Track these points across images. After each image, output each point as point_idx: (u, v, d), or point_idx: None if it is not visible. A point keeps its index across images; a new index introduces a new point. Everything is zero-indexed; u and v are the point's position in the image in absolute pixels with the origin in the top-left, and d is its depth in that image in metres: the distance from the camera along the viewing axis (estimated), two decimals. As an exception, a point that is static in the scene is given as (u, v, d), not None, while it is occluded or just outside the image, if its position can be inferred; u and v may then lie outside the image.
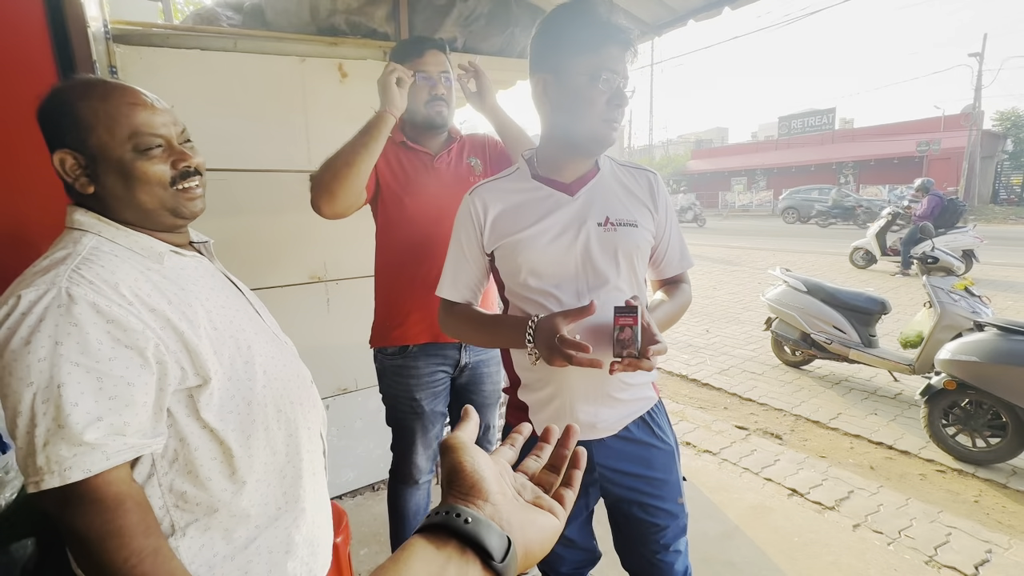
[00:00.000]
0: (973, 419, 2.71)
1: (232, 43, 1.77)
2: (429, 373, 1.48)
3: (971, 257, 7.30)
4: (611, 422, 1.04)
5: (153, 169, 0.73)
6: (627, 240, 1.00)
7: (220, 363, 0.73)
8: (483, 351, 1.55)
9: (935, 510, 2.29)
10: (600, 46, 0.94)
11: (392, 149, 1.42)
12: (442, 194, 1.42)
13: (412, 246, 1.41)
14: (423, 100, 1.39)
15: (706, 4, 2.22)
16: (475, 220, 1.05)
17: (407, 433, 1.52)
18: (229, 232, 1.83)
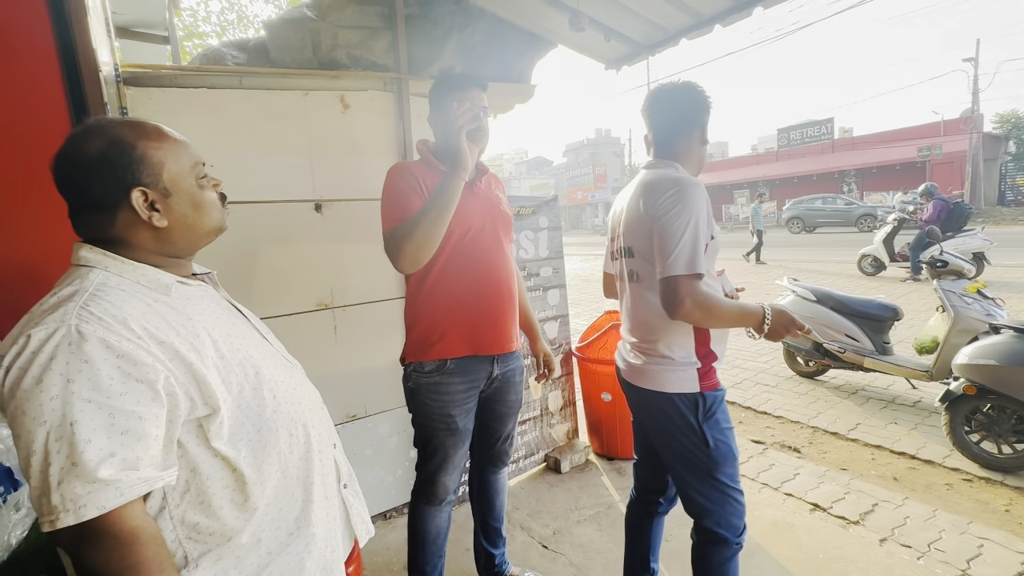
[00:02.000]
0: (997, 424, 2.63)
1: (238, 80, 1.83)
2: (464, 390, 1.50)
3: (982, 260, 7.22)
4: None
5: (212, 195, 0.83)
6: None
7: (229, 391, 0.73)
8: (514, 360, 1.61)
9: (964, 521, 2.21)
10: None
11: (432, 173, 1.47)
12: (481, 217, 1.49)
13: (456, 265, 1.45)
14: (467, 128, 1.41)
15: (696, 23, 2.28)
16: (708, 207, 1.28)
17: (439, 451, 1.52)
18: (237, 263, 1.86)
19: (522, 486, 2.55)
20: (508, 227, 1.59)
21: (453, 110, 1.42)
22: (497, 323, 1.51)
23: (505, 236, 1.57)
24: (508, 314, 1.54)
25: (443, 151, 1.49)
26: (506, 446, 1.72)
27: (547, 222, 2.67)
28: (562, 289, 2.74)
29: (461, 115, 1.37)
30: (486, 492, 1.77)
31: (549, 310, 2.69)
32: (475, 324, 1.47)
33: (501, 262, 1.52)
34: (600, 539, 2.13)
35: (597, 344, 2.71)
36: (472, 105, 1.43)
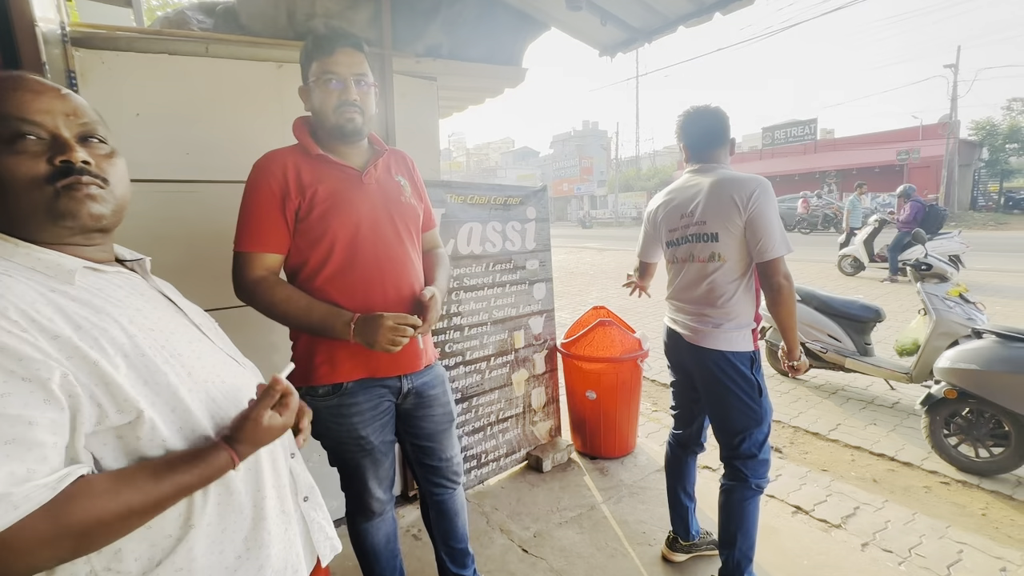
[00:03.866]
0: (975, 429, 2.65)
1: (204, 48, 1.68)
2: (373, 406, 1.31)
3: (957, 263, 7.36)
4: None
5: (19, 164, 0.61)
6: None
7: (155, 392, 0.62)
8: (427, 375, 1.41)
9: (943, 525, 2.21)
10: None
11: (309, 164, 1.24)
12: (373, 214, 1.27)
13: (341, 274, 1.24)
14: (332, 105, 1.22)
15: (696, 9, 2.18)
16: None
17: (360, 471, 1.36)
18: (199, 246, 1.72)
19: (502, 485, 2.47)
20: (413, 222, 1.36)
21: (318, 82, 1.20)
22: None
23: (409, 233, 1.34)
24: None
25: (319, 130, 1.28)
26: (453, 464, 1.52)
27: (535, 213, 2.57)
28: (548, 283, 2.65)
29: (327, 92, 1.18)
30: (444, 517, 1.55)
31: (535, 304, 2.60)
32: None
33: (402, 267, 1.30)
34: (582, 543, 2.06)
35: (584, 341, 2.63)
36: (338, 74, 1.20)
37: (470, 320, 2.33)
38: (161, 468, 0.61)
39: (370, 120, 1.30)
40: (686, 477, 1.98)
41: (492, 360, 2.43)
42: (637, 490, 2.41)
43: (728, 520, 1.70)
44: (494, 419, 2.47)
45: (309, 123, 1.31)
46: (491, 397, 2.45)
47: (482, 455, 2.43)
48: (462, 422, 2.34)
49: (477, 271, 2.34)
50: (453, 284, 2.26)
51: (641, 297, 2.26)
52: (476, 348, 2.37)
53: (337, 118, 1.24)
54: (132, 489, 0.58)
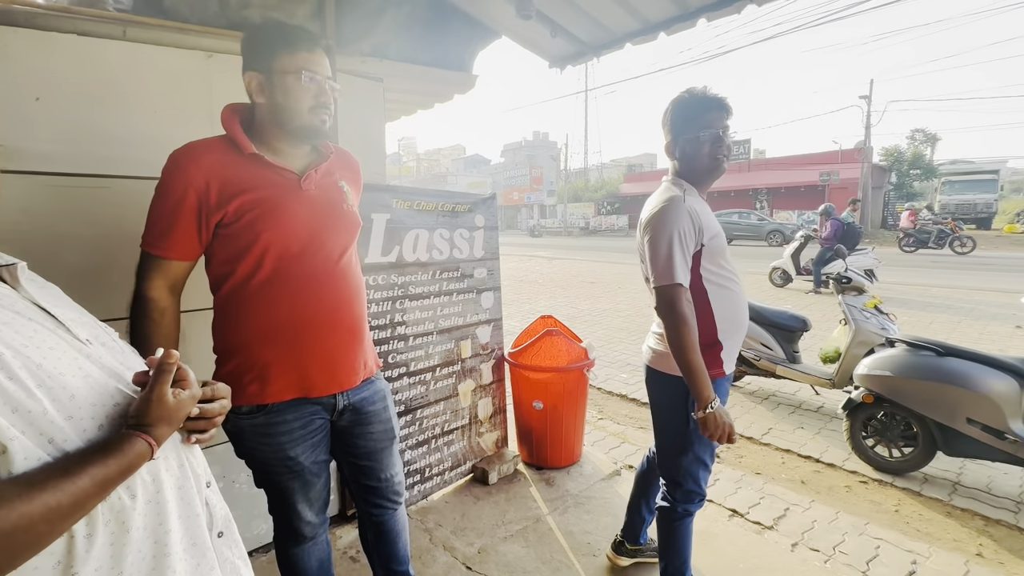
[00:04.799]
0: (889, 430, 2.86)
1: (120, 30, 1.53)
2: (303, 424, 1.22)
3: (871, 276, 8.04)
4: None
5: None
6: None
7: (26, 420, 0.54)
8: (366, 389, 1.32)
9: (862, 522, 2.36)
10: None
11: (238, 164, 1.12)
12: (313, 225, 1.17)
13: (276, 289, 1.14)
14: (307, 104, 1.13)
15: (642, 28, 2.25)
16: (694, 220, 1.44)
17: (287, 494, 1.27)
18: (110, 248, 1.55)
19: (447, 500, 2.40)
20: (353, 233, 1.28)
21: (292, 76, 1.11)
22: (334, 359, 1.22)
23: (349, 245, 1.27)
24: (351, 345, 1.25)
25: (269, 126, 1.16)
26: (394, 483, 1.43)
27: (484, 221, 2.54)
28: (496, 292, 2.62)
29: (302, 90, 1.10)
30: (384, 539, 1.46)
31: (482, 313, 2.56)
32: (304, 362, 1.18)
33: (341, 281, 1.22)
34: (527, 557, 2.03)
35: (531, 350, 2.62)
36: (318, 73, 1.13)
37: (415, 330, 2.26)
38: (72, 463, 0.55)
39: (333, 124, 1.24)
40: (652, 492, 1.92)
41: (438, 371, 2.37)
42: (583, 500, 2.41)
43: (660, 537, 1.70)
44: (439, 431, 2.40)
45: (242, 114, 1.18)
46: (436, 409, 2.37)
47: (426, 469, 2.35)
48: (405, 435, 2.25)
49: (423, 279, 2.28)
50: (397, 292, 2.18)
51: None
52: (421, 358, 2.29)
53: (312, 119, 1.16)
54: (44, 489, 0.52)
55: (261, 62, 1.14)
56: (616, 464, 2.79)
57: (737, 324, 1.54)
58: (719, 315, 1.50)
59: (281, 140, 1.18)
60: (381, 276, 2.12)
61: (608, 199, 35.50)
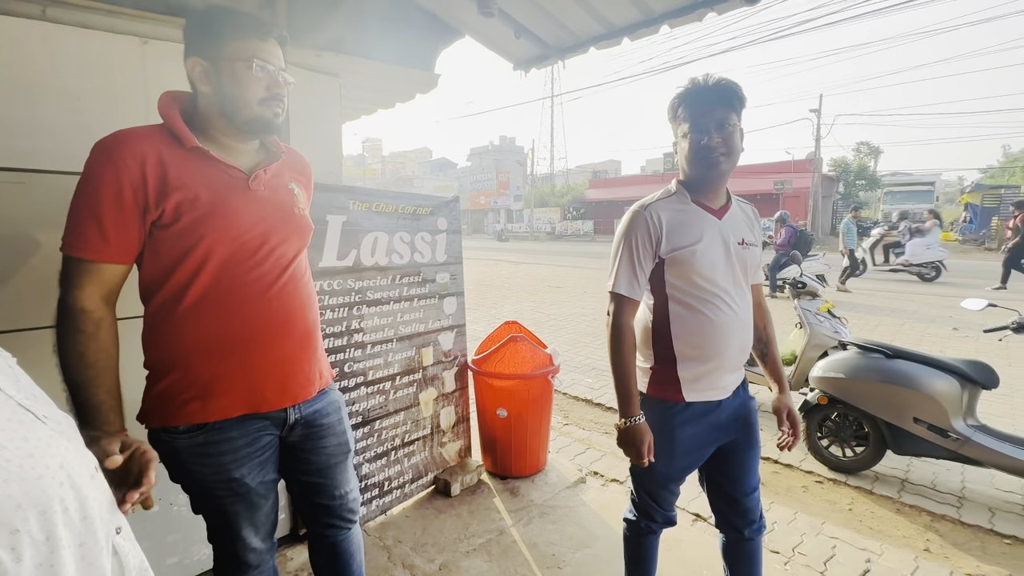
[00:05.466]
0: (842, 431, 2.96)
1: (39, 9, 1.38)
2: (250, 442, 1.11)
3: (822, 281, 8.40)
4: (733, 384, 1.42)
5: None
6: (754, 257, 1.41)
7: None
8: (319, 401, 1.23)
9: (819, 522, 2.41)
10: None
11: (179, 159, 1.01)
12: (261, 228, 1.08)
13: (220, 297, 1.05)
14: (257, 95, 1.05)
15: (607, 32, 2.24)
16: (652, 231, 1.32)
17: (230, 520, 1.15)
18: (26, 250, 1.40)
19: (407, 514, 2.30)
20: (304, 238, 1.20)
21: (242, 64, 1.02)
22: (287, 370, 1.13)
23: (301, 250, 1.19)
24: (305, 355, 1.17)
25: (214, 117, 1.07)
26: (348, 501, 1.34)
27: (446, 224, 2.47)
28: (460, 297, 2.55)
29: (253, 79, 1.01)
30: (337, 561, 1.36)
31: (445, 319, 2.48)
32: (254, 375, 1.08)
33: (292, 288, 1.14)
34: (490, 572, 1.96)
35: (495, 357, 2.56)
36: (271, 63, 1.05)
37: (373, 337, 2.16)
38: None
39: (283, 120, 1.14)
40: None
41: (398, 379, 2.27)
42: (548, 509, 2.36)
43: (625, 551, 1.66)
44: (399, 443, 2.30)
45: (183, 104, 1.07)
46: (396, 419, 2.28)
47: (385, 483, 2.25)
48: (363, 448, 2.15)
49: (382, 284, 2.19)
50: (355, 298, 2.08)
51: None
52: (380, 367, 2.20)
53: (263, 111, 1.07)
54: None
55: (208, 48, 1.04)
56: (581, 471, 2.76)
57: (706, 351, 1.33)
58: (679, 336, 1.35)
59: (228, 134, 1.08)
60: (337, 281, 2.01)
61: (574, 204, 35.95)
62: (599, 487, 2.61)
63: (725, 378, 1.37)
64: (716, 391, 1.38)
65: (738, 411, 1.43)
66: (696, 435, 1.39)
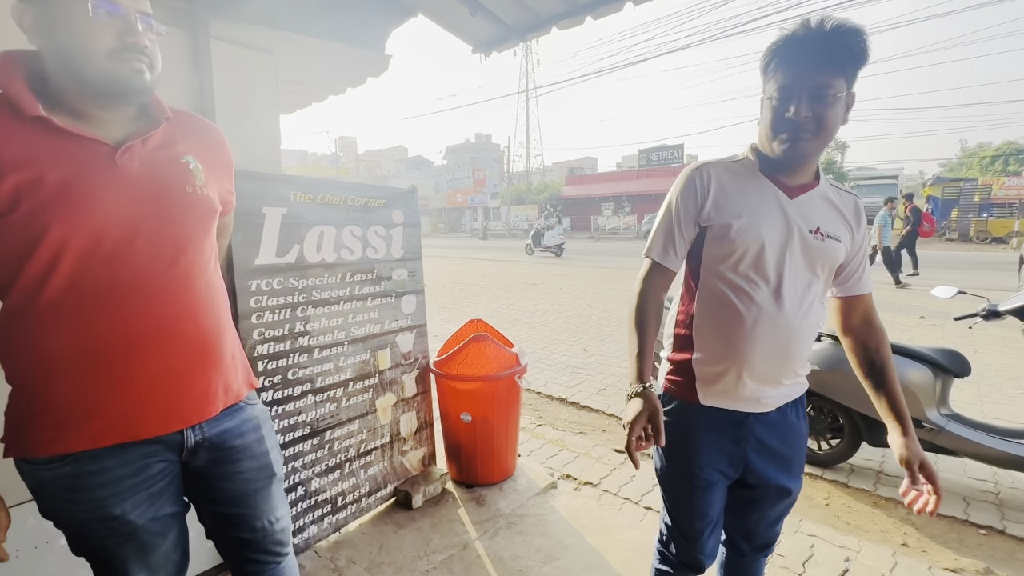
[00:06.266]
0: (817, 423, 2.90)
1: None
2: (133, 472, 0.93)
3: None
4: (773, 400, 1.16)
5: None
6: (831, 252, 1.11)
7: None
8: (229, 419, 1.05)
9: (796, 519, 2.33)
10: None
11: (18, 132, 0.82)
12: (133, 212, 0.89)
13: (74, 295, 0.86)
14: (105, 44, 0.84)
15: (568, 10, 2.11)
16: (700, 192, 1.12)
17: (116, 564, 0.97)
18: None
19: (363, 531, 2.13)
20: (204, 220, 1.00)
21: (77, 6, 0.82)
22: (174, 387, 0.94)
23: (196, 238, 0.98)
24: (201, 367, 0.98)
25: (62, 79, 0.87)
26: (276, 531, 1.16)
27: (403, 217, 2.30)
28: (419, 295, 2.39)
29: (94, 25, 0.82)
30: None
31: (403, 319, 2.32)
32: (126, 396, 0.90)
33: (182, 285, 0.95)
34: (451, 591, 1.81)
35: (457, 358, 2.40)
36: (117, 3, 0.85)
37: (321, 340, 1.98)
38: None
39: (158, 79, 0.94)
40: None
41: (351, 385, 2.10)
42: (515, 519, 2.22)
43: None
44: (354, 453, 2.13)
45: (29, 65, 0.87)
46: (350, 428, 2.11)
47: (338, 497, 2.08)
48: (312, 461, 1.97)
49: (330, 282, 2.01)
50: (298, 298, 1.90)
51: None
52: (330, 372, 2.02)
53: (116, 66, 0.86)
54: None
55: None
56: (552, 475, 2.63)
57: (722, 347, 1.12)
58: (699, 324, 1.16)
59: (83, 100, 0.88)
60: (276, 280, 1.83)
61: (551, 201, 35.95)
62: (571, 492, 2.49)
63: (749, 386, 1.11)
64: (738, 400, 1.13)
65: (777, 431, 1.18)
66: (721, 447, 1.17)
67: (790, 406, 1.20)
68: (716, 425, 1.17)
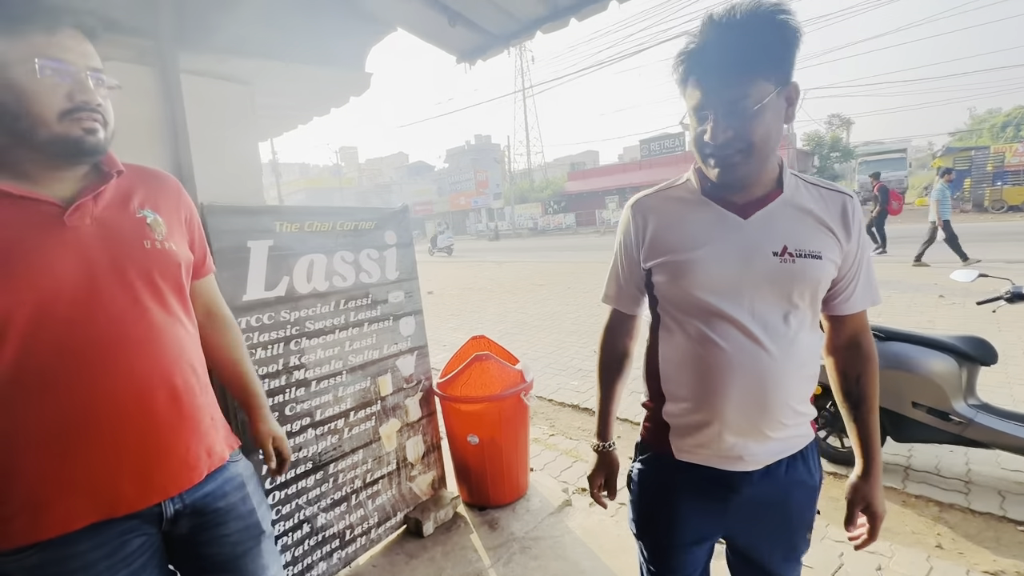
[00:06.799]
0: (838, 420, 2.79)
1: None
2: (109, 553, 0.86)
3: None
4: (760, 457, 0.96)
5: None
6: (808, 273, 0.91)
7: None
8: (210, 482, 0.99)
9: (823, 524, 2.24)
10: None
11: None
12: (87, 275, 0.83)
13: (29, 367, 0.80)
14: (56, 106, 0.80)
15: (551, 13, 2.03)
16: (638, 228, 1.03)
17: None
18: None
19: (374, 563, 2.08)
20: (167, 274, 0.93)
21: (21, 68, 0.77)
22: (150, 457, 0.89)
23: (160, 293, 0.92)
24: (175, 433, 0.92)
25: (8, 142, 0.82)
26: None
27: (396, 237, 2.24)
28: (418, 316, 2.33)
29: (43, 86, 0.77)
30: None
31: (403, 342, 2.26)
32: (99, 471, 0.84)
33: (150, 346, 0.89)
34: (465, 626, 1.75)
35: (460, 379, 2.34)
36: (67, 61, 0.80)
37: (318, 372, 1.93)
38: None
39: (112, 136, 0.90)
40: None
41: (352, 415, 2.05)
42: (529, 543, 2.16)
43: None
44: (360, 484, 2.08)
45: None
46: (354, 459, 2.05)
47: (347, 531, 2.03)
48: (317, 496, 1.92)
49: (324, 311, 1.95)
50: (291, 331, 1.85)
51: None
52: (329, 404, 1.97)
53: (68, 128, 0.82)
54: None
55: None
56: (567, 491, 2.56)
57: (694, 398, 0.97)
58: (665, 369, 1.02)
59: (30, 162, 0.84)
60: (267, 314, 1.78)
61: (554, 198, 35.80)
62: (586, 509, 2.41)
63: (728, 441, 0.95)
64: (717, 457, 0.97)
65: (770, 495, 0.99)
66: (703, 509, 1.01)
67: (788, 462, 0.98)
68: (694, 485, 1.00)
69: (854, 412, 1.04)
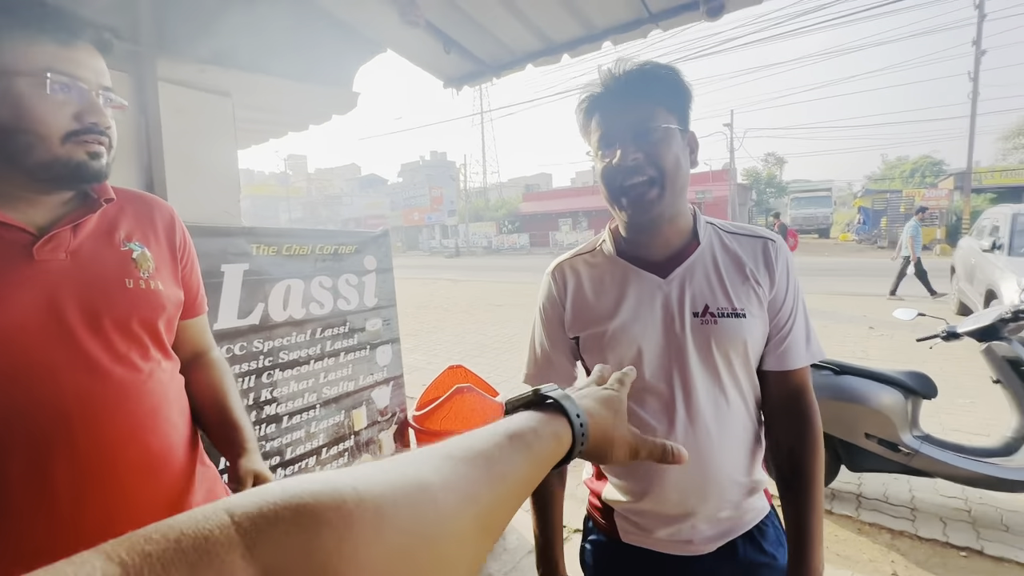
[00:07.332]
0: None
1: None
2: None
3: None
4: (713, 539, 0.88)
5: None
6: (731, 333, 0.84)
7: None
8: None
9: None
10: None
11: None
12: (51, 318, 0.71)
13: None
14: (60, 127, 0.70)
15: (545, 48, 2.05)
16: (559, 295, 0.95)
17: None
18: None
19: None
20: (146, 319, 0.81)
21: (28, 81, 0.68)
22: (134, 526, 0.71)
23: (138, 340, 0.80)
24: (149, 506, 0.79)
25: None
26: None
27: (375, 263, 2.15)
28: (395, 344, 2.23)
29: (49, 102, 0.68)
30: None
31: (379, 372, 2.15)
32: (60, 553, 0.63)
33: (134, 405, 0.78)
34: None
35: (439, 412, 2.25)
36: (81, 78, 0.72)
37: (290, 406, 1.79)
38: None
39: (112, 161, 0.79)
40: None
41: (324, 452, 1.91)
42: (508, 584, 2.08)
43: None
44: (329, 527, 1.93)
45: None
46: (324, 500, 1.91)
47: (313, 580, 1.87)
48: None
49: (299, 341, 1.83)
50: (263, 362, 1.71)
51: None
52: (300, 441, 1.83)
53: (72, 151, 0.71)
54: None
55: None
56: (542, 526, 2.50)
57: (637, 483, 0.89)
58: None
59: (13, 183, 0.72)
60: (239, 344, 1.64)
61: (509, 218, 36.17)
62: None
63: (674, 524, 0.87)
64: (663, 542, 0.88)
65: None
66: None
67: (743, 541, 0.88)
68: (644, 570, 0.91)
69: (784, 491, 0.89)
